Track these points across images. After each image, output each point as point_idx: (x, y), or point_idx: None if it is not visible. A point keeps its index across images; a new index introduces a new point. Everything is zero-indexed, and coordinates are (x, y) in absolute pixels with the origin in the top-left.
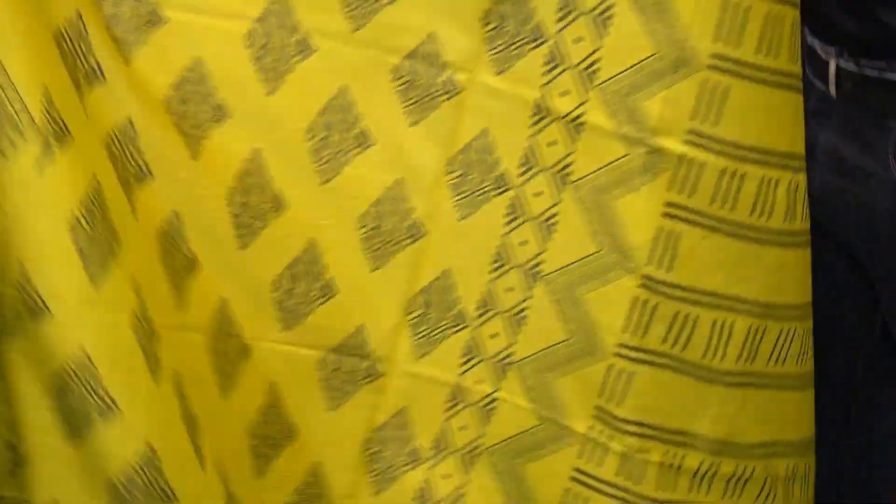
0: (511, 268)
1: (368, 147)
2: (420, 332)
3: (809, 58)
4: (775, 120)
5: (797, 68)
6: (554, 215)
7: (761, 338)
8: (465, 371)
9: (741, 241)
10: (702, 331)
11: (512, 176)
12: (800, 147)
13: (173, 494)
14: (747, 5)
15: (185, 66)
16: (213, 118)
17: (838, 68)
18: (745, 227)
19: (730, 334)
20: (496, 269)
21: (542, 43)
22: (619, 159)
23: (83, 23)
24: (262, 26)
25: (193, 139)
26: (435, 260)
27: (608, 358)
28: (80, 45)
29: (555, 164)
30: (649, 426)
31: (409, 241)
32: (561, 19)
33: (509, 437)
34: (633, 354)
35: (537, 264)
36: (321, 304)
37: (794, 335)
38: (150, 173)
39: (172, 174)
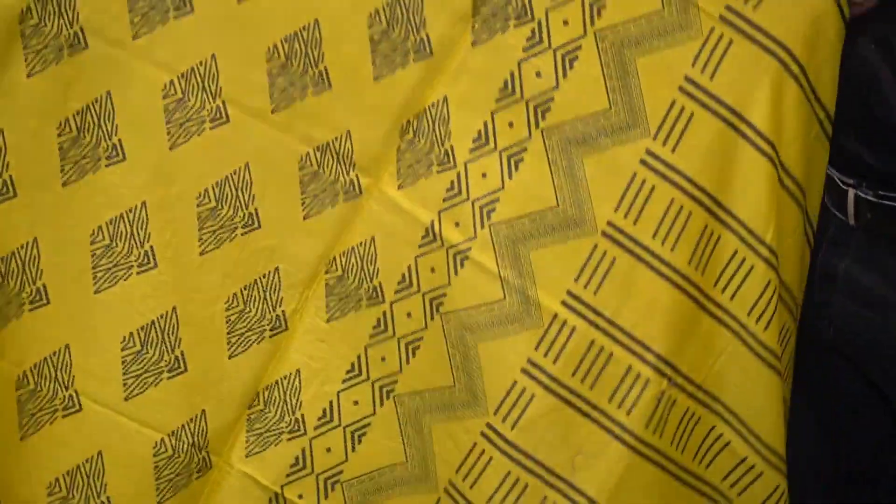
0: (364, 381)
1: (253, 230)
2: (255, 430)
3: (828, 187)
4: (657, 315)
5: (691, 270)
6: (419, 339)
7: None
8: (289, 482)
9: (592, 424)
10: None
11: (388, 290)
12: (680, 358)
13: None
14: (652, 185)
15: (93, 96)
16: (107, 155)
17: (857, 198)
18: (600, 412)
19: None
20: (348, 380)
21: (449, 169)
22: (493, 302)
23: None
24: (183, 82)
25: (77, 168)
26: (289, 357)
27: (438, 491)
28: None
29: (430, 291)
30: None
31: (269, 332)
32: (473, 150)
33: None
34: (460, 498)
35: (392, 383)
36: (168, 378)
37: None
38: (15, 193)
39: (38, 198)
